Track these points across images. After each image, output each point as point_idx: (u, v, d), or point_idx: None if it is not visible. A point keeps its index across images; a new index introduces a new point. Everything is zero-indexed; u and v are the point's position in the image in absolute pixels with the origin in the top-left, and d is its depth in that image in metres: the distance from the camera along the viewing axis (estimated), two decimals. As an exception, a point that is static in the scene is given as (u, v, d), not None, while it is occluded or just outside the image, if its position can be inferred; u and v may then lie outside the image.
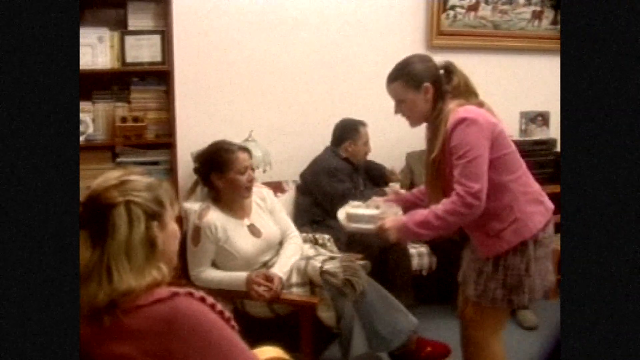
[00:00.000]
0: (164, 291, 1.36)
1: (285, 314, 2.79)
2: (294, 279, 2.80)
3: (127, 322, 1.33)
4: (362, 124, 3.98)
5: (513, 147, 2.34)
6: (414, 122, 2.44)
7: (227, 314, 1.43)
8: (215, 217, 2.80)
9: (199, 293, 1.40)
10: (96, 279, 1.35)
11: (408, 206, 2.56)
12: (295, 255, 2.92)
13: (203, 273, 2.77)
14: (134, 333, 1.32)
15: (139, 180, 1.47)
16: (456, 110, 2.26)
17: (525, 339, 3.47)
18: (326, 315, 2.71)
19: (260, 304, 2.80)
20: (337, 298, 2.69)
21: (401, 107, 2.42)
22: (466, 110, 2.25)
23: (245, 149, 2.89)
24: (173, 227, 1.51)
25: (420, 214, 2.30)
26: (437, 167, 2.33)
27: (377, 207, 2.55)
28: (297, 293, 2.76)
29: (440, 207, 2.24)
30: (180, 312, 1.33)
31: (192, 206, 3.15)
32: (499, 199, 2.27)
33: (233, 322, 1.45)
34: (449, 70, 2.39)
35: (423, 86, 2.34)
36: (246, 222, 2.89)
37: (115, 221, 1.38)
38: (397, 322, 2.78)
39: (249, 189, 2.86)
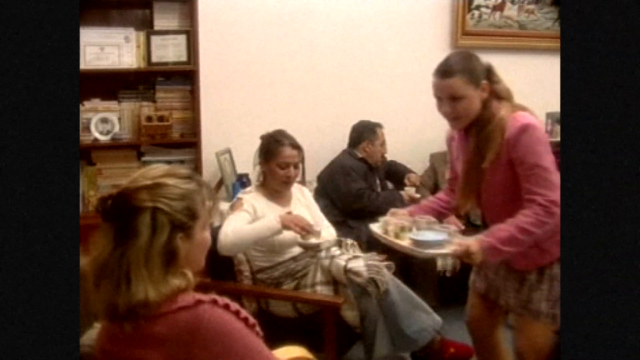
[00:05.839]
0: (188, 298, 1.35)
1: (309, 313, 2.79)
2: (318, 277, 2.80)
3: (151, 328, 1.33)
4: (378, 125, 4.01)
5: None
6: (464, 122, 2.21)
7: (252, 320, 1.42)
8: (256, 198, 2.88)
9: (224, 300, 1.38)
10: (114, 282, 1.34)
11: (436, 216, 2.43)
12: (330, 234, 3.00)
13: (232, 228, 2.70)
14: (158, 340, 1.32)
15: (175, 186, 1.40)
16: (512, 116, 2.13)
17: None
18: (350, 314, 2.71)
19: (284, 303, 2.80)
20: (361, 297, 2.68)
21: (455, 105, 2.16)
22: (524, 116, 2.13)
23: (296, 146, 2.92)
24: (202, 236, 1.46)
25: (502, 230, 2.10)
26: (482, 176, 2.20)
27: (428, 225, 2.36)
28: (321, 292, 2.76)
29: (523, 219, 2.07)
30: (204, 320, 1.32)
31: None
32: None
33: (258, 329, 1.43)
34: (492, 71, 2.24)
35: (482, 84, 2.17)
36: (286, 209, 2.92)
37: (138, 226, 1.34)
38: (421, 321, 2.76)
39: (286, 183, 2.92)
